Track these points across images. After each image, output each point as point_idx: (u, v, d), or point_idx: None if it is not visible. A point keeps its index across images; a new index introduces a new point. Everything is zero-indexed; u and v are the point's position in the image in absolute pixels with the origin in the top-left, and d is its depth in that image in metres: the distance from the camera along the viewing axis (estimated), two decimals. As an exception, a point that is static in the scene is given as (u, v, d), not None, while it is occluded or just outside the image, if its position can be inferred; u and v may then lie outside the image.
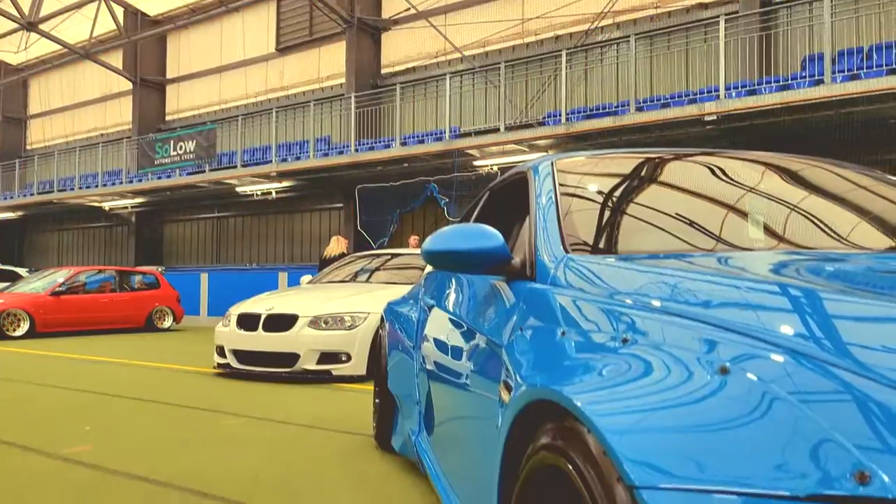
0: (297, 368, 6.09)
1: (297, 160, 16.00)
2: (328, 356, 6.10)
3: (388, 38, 17.27)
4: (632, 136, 11.25)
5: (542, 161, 2.27)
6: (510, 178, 2.59)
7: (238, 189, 17.77)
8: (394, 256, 8.32)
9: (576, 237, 1.79)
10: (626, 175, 2.28)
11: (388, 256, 8.41)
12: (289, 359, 6.13)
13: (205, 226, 20.82)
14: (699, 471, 0.71)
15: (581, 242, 1.78)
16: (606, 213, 2.06)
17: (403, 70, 16.79)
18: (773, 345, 0.84)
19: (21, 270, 17.55)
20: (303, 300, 6.58)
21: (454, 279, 2.59)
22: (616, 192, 2.19)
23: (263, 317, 6.33)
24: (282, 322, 6.25)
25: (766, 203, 2.14)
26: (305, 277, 8.74)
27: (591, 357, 1.06)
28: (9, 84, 25.27)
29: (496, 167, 13.06)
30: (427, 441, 2.64)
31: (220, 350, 6.61)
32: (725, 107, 10.03)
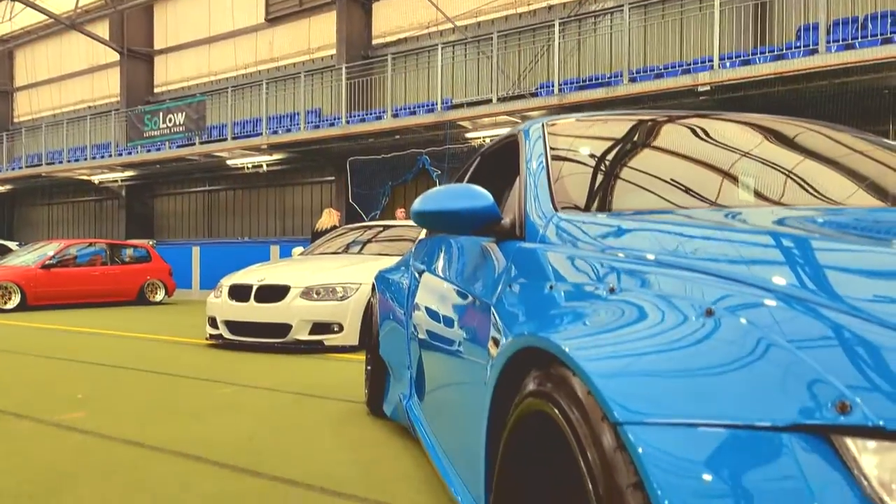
0: (290, 339, 6.10)
1: (288, 133, 15.86)
2: (320, 326, 6.11)
3: (380, 8, 17.04)
4: (625, 108, 11.20)
5: (533, 123, 2.25)
6: (501, 143, 2.58)
7: (229, 162, 17.65)
8: (385, 228, 8.31)
9: (565, 197, 1.79)
10: (618, 137, 2.27)
11: (380, 228, 8.39)
12: (281, 329, 6.14)
13: (196, 199, 20.70)
14: (682, 406, 0.71)
15: (571, 202, 1.78)
16: (596, 174, 2.05)
17: (395, 41, 16.60)
18: (758, 287, 0.84)
19: (11, 244, 17.43)
20: (294, 271, 6.57)
21: (444, 244, 2.59)
22: (607, 154, 2.19)
23: (255, 288, 6.32)
24: (273, 293, 6.25)
25: (759, 164, 2.14)
26: (297, 249, 8.72)
27: (578, 305, 1.06)
28: (-6, 55, 24.90)
29: (488, 139, 13.00)
30: (417, 404, 2.66)
31: (213, 321, 6.61)
32: (719, 77, 9.98)
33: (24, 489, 2.40)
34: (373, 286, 3.84)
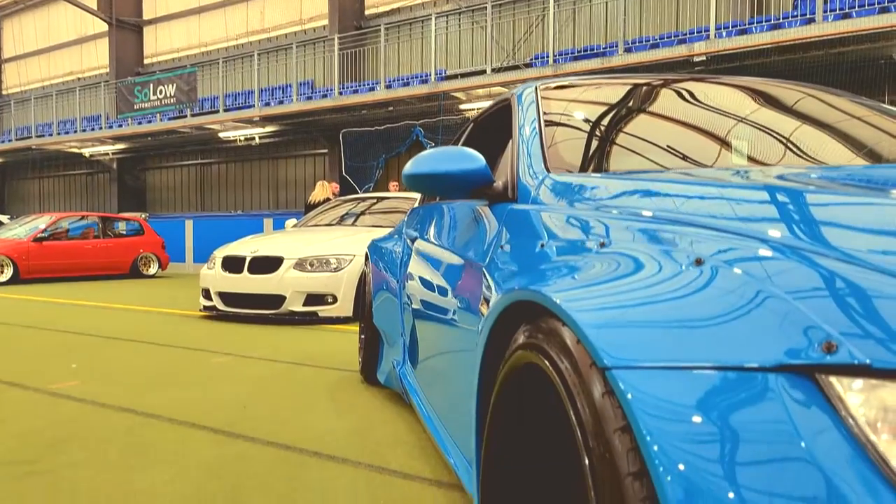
0: (284, 310, 6.11)
1: (281, 105, 15.72)
2: (314, 298, 6.12)
3: (373, -23, 16.82)
4: (620, 78, 11.11)
5: (526, 87, 2.23)
6: (494, 108, 2.56)
7: (221, 135, 17.50)
8: (379, 200, 8.27)
9: (558, 160, 1.78)
10: (612, 100, 2.25)
11: (374, 200, 8.36)
12: (275, 300, 6.15)
13: (188, 172, 20.56)
14: (670, 351, 0.71)
15: (563, 165, 1.77)
16: (590, 138, 2.04)
17: (388, 11, 16.39)
18: (749, 237, 0.84)
19: (2, 217, 17.33)
20: (288, 243, 6.56)
21: (436, 211, 2.58)
22: (600, 117, 2.17)
23: (248, 259, 6.31)
24: (267, 264, 6.24)
25: (755, 127, 2.13)
26: (290, 221, 8.69)
27: (569, 259, 1.06)
28: (-20, 26, 24.48)
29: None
30: (410, 370, 2.67)
31: (206, 293, 6.61)
32: (715, 47, 9.91)
33: (18, 455, 2.41)
34: (366, 256, 3.83)
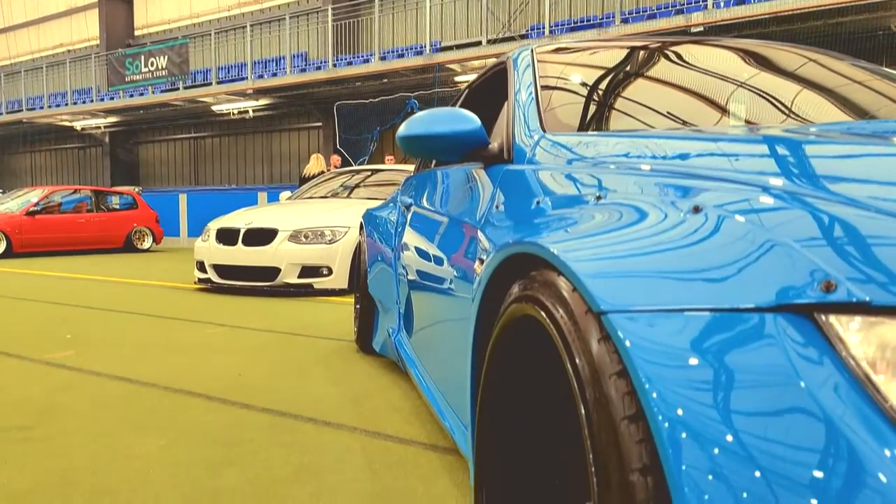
0: (279, 282, 6.10)
1: (274, 77, 15.55)
2: (309, 270, 6.10)
3: (366, -54, 16.53)
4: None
5: (522, 50, 2.20)
6: (490, 72, 2.54)
7: (214, 108, 17.34)
8: (374, 172, 8.23)
9: (554, 121, 1.75)
10: (609, 63, 2.22)
11: (369, 173, 8.31)
12: (270, 273, 6.13)
13: (181, 146, 20.40)
14: (667, 294, 0.70)
15: (559, 127, 1.75)
16: (585, 100, 2.01)
17: (382, -19, 16.14)
18: (747, 185, 0.83)
19: (-6, 192, 17.19)
20: (282, 215, 6.53)
21: (431, 177, 2.56)
22: (596, 80, 2.14)
23: (243, 231, 6.28)
24: (261, 236, 6.21)
25: (754, 89, 2.10)
26: (285, 194, 8.65)
27: (565, 213, 1.05)
28: (-33, -3, 24.07)
29: (478, 83, 12.77)
30: (406, 337, 2.67)
31: (201, 265, 6.59)
32: (713, 17, 9.82)
33: (14, 421, 2.41)
34: (361, 225, 3.81)
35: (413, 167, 3.98)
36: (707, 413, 0.61)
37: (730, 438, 0.59)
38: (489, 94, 2.51)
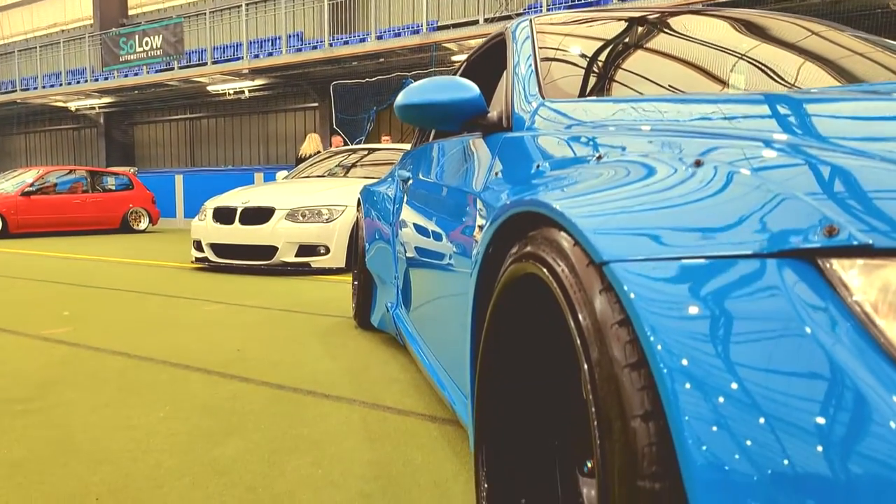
0: (276, 261, 6.09)
1: (270, 57, 15.42)
2: (306, 248, 6.10)
3: (362, -76, 16.32)
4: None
5: (521, 20, 2.19)
6: (489, 44, 2.51)
7: (209, 88, 17.21)
8: (371, 152, 8.19)
9: (553, 90, 1.74)
10: (608, 33, 2.20)
11: (366, 152, 8.27)
12: (267, 251, 6.12)
13: (177, 127, 20.27)
14: (669, 243, 0.70)
15: (559, 95, 1.73)
16: (584, 70, 2.00)
17: (378, -41, 15.95)
18: (750, 139, 0.83)
19: (-11, 173, 17.08)
20: (279, 193, 6.51)
21: (428, 149, 2.55)
22: (596, 50, 2.13)
23: (239, 210, 6.26)
24: (258, 215, 6.20)
25: (755, 60, 2.09)
26: (281, 173, 8.62)
27: (565, 173, 1.04)
28: (-42, -24, 23.76)
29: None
30: (404, 310, 2.68)
31: (198, 244, 6.58)
32: (711, -6, 9.73)
33: (12, 394, 2.42)
34: (358, 201, 3.80)
35: (409, 147, 3.96)
36: (710, 359, 0.61)
37: (731, 380, 0.59)
38: (488, 67, 2.49)
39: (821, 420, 0.54)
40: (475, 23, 12.38)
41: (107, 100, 19.25)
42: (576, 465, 1.04)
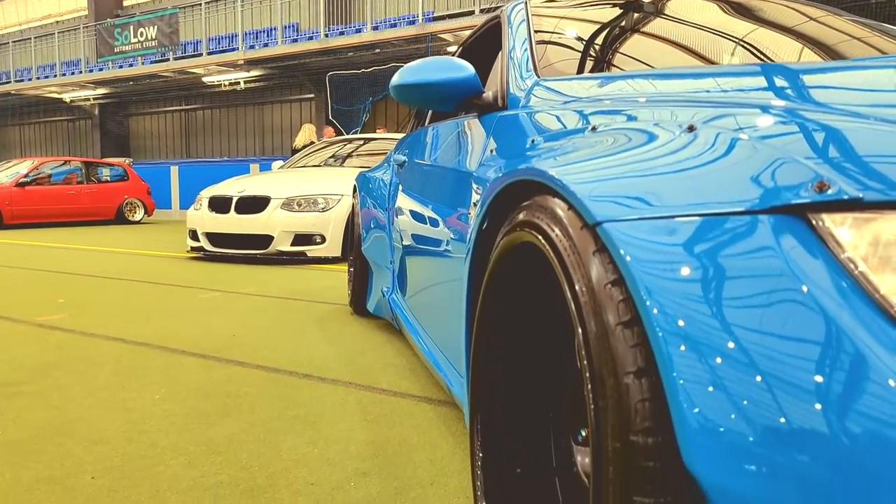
0: (272, 250, 6.09)
1: (265, 47, 15.36)
2: (302, 238, 6.09)
3: (358, -86, 16.23)
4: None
5: (516, 4, 2.18)
6: (484, 27, 2.51)
7: (205, 79, 17.14)
8: (366, 142, 8.18)
9: (548, 70, 1.74)
10: (603, 16, 2.20)
11: (361, 142, 8.26)
12: (262, 240, 6.12)
13: (172, 118, 20.20)
14: (662, 203, 0.70)
15: (553, 74, 1.73)
16: (580, 52, 2.00)
17: (374, -51, 15.88)
18: (740, 105, 0.83)
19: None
20: (274, 183, 6.50)
21: (423, 132, 2.55)
22: (591, 33, 2.12)
23: (235, 199, 6.25)
24: (254, 204, 6.19)
25: (753, 44, 2.09)
26: (277, 163, 8.60)
27: (559, 144, 1.05)
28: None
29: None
30: (400, 295, 2.68)
31: (193, 233, 6.57)
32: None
33: (7, 378, 2.41)
34: (354, 188, 3.80)
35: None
36: (702, 314, 0.61)
37: (724, 336, 0.59)
38: (484, 50, 2.49)
39: (817, 375, 0.54)
40: (471, 13, 12.36)
41: (102, 91, 19.16)
42: (570, 435, 1.05)
